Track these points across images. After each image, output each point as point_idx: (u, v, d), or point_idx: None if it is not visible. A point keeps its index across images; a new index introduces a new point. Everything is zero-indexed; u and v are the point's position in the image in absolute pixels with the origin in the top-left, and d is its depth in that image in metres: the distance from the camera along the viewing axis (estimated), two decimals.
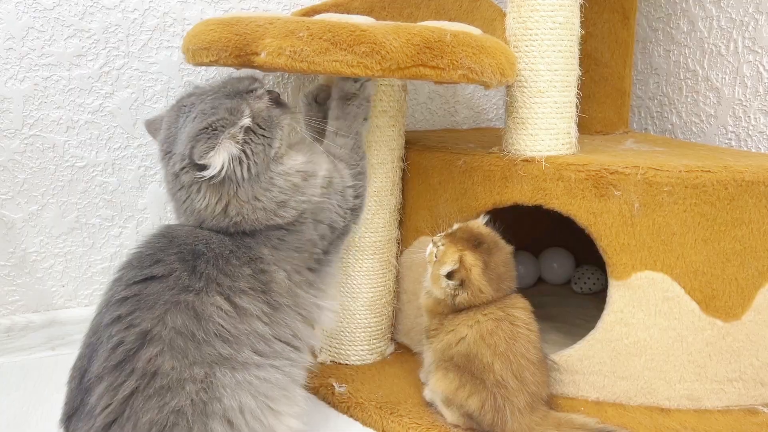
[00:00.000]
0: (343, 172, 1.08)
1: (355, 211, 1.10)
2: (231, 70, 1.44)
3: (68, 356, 0.93)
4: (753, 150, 1.42)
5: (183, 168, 0.95)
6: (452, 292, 1.07)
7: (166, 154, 0.99)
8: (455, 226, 1.12)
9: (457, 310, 1.09)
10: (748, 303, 1.12)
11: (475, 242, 1.08)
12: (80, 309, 1.44)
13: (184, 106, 0.99)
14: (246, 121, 0.95)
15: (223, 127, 0.93)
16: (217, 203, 0.96)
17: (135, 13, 1.36)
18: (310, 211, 1.01)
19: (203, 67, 1.43)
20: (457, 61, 0.99)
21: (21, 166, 1.34)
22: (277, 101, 1.02)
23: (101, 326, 0.89)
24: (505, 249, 1.12)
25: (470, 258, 1.06)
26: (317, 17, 1.01)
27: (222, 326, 0.89)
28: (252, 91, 0.99)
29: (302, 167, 1.01)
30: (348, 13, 1.45)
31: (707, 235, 1.10)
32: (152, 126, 1.05)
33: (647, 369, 1.14)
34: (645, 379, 1.14)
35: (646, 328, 1.13)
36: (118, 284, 0.92)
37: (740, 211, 1.09)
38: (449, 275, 1.06)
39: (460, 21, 1.37)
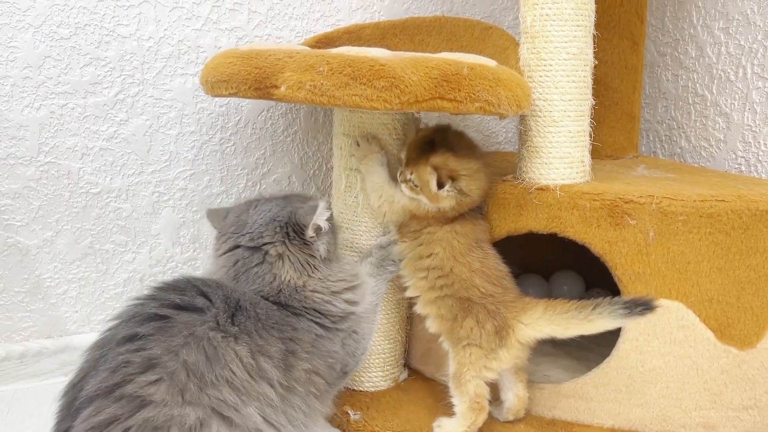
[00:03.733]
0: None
1: (341, 377, 1.12)
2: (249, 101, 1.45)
3: None
4: (764, 175, 1.43)
5: (270, 242, 1.05)
6: (457, 192, 1.11)
7: (235, 234, 1.07)
8: (402, 154, 1.15)
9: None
10: (763, 331, 1.12)
11: (426, 147, 1.12)
12: (93, 334, 1.42)
13: (256, 201, 1.12)
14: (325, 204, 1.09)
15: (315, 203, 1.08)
16: (298, 277, 1.05)
17: (150, 41, 1.38)
18: (352, 320, 1.11)
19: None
20: (474, 94, 1.00)
21: (36, 193, 1.35)
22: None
23: (112, 341, 0.88)
24: (449, 127, 1.16)
25: (437, 159, 1.09)
26: (335, 50, 1.03)
27: (235, 376, 0.89)
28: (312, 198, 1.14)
29: (353, 270, 1.15)
30: (359, 39, 1.47)
31: (722, 263, 1.10)
32: (214, 215, 1.15)
33: (662, 396, 1.14)
34: (660, 406, 1.15)
35: (662, 355, 1.13)
36: (152, 300, 0.92)
37: (755, 239, 1.10)
38: (440, 185, 1.09)
39: (472, 48, 1.38)
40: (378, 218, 1.22)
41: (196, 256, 1.51)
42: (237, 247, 1.06)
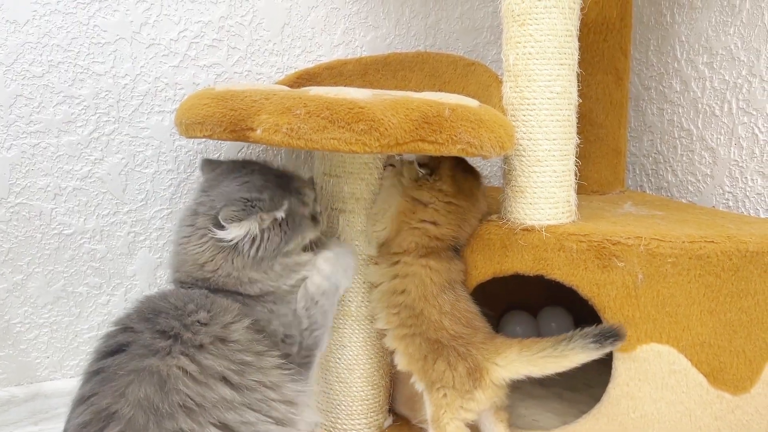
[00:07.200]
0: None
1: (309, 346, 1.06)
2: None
3: None
4: (751, 212, 1.41)
5: (205, 215, 1.01)
6: (418, 181, 1.13)
7: (202, 193, 1.05)
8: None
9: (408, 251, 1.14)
10: (757, 375, 1.09)
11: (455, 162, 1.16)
12: (65, 380, 1.39)
13: (243, 167, 1.07)
14: (280, 215, 1.03)
15: (259, 208, 1.00)
16: (211, 259, 1.00)
17: (126, 79, 1.34)
18: (274, 296, 1.05)
19: None
20: (456, 136, 0.97)
21: (6, 235, 1.30)
22: (314, 217, 1.11)
23: (74, 403, 0.88)
24: (476, 174, 1.20)
25: (449, 163, 1.15)
26: (313, 91, 1.00)
27: (187, 395, 0.86)
28: (301, 194, 1.08)
29: (303, 261, 1.08)
30: (341, 75, 1.45)
31: (713, 306, 1.07)
32: (207, 167, 1.12)
33: None
34: None
35: (653, 401, 1.09)
36: (92, 357, 0.93)
37: (746, 282, 1.07)
38: (422, 165, 1.13)
39: (455, 85, 1.36)
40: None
41: None
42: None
